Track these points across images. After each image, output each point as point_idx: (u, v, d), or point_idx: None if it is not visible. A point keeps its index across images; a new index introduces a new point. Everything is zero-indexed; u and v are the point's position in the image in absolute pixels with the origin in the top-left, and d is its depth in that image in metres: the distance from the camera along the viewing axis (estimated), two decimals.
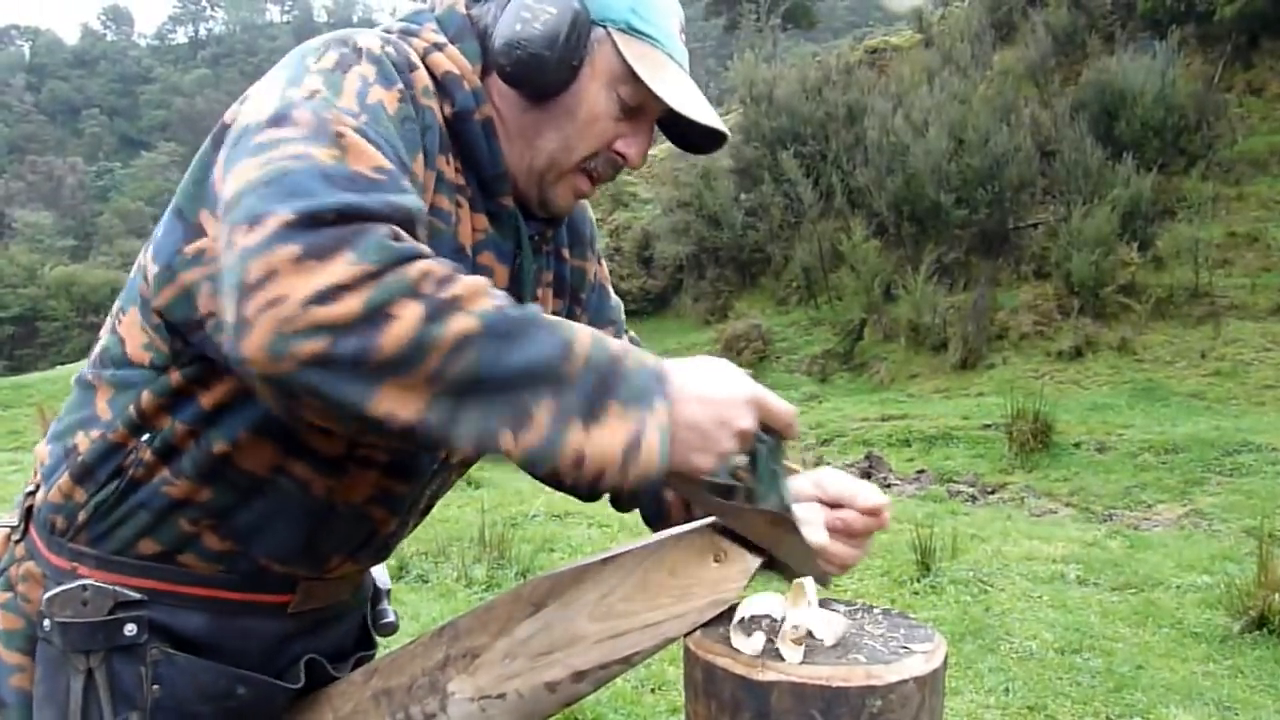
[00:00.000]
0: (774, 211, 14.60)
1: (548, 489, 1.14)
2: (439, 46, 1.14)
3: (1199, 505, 6.98)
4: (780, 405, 1.01)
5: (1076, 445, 8.50)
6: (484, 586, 4.91)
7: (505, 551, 5.22)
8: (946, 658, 1.02)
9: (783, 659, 0.95)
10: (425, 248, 0.90)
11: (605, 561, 1.10)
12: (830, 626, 1.00)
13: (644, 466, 0.90)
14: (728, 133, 1.20)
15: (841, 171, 14.18)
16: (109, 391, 1.13)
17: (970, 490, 7.83)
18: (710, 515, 1.06)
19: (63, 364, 25.79)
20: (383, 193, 0.91)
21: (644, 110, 1.17)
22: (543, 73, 1.12)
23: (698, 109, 1.15)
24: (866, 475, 8.22)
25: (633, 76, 1.13)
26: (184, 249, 1.06)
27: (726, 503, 1.02)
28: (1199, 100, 12.90)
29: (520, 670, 1.09)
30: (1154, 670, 4.05)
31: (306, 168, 0.90)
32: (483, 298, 0.89)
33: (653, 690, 3.84)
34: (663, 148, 19.98)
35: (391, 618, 1.41)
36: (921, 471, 8.41)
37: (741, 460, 1.00)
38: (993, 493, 7.84)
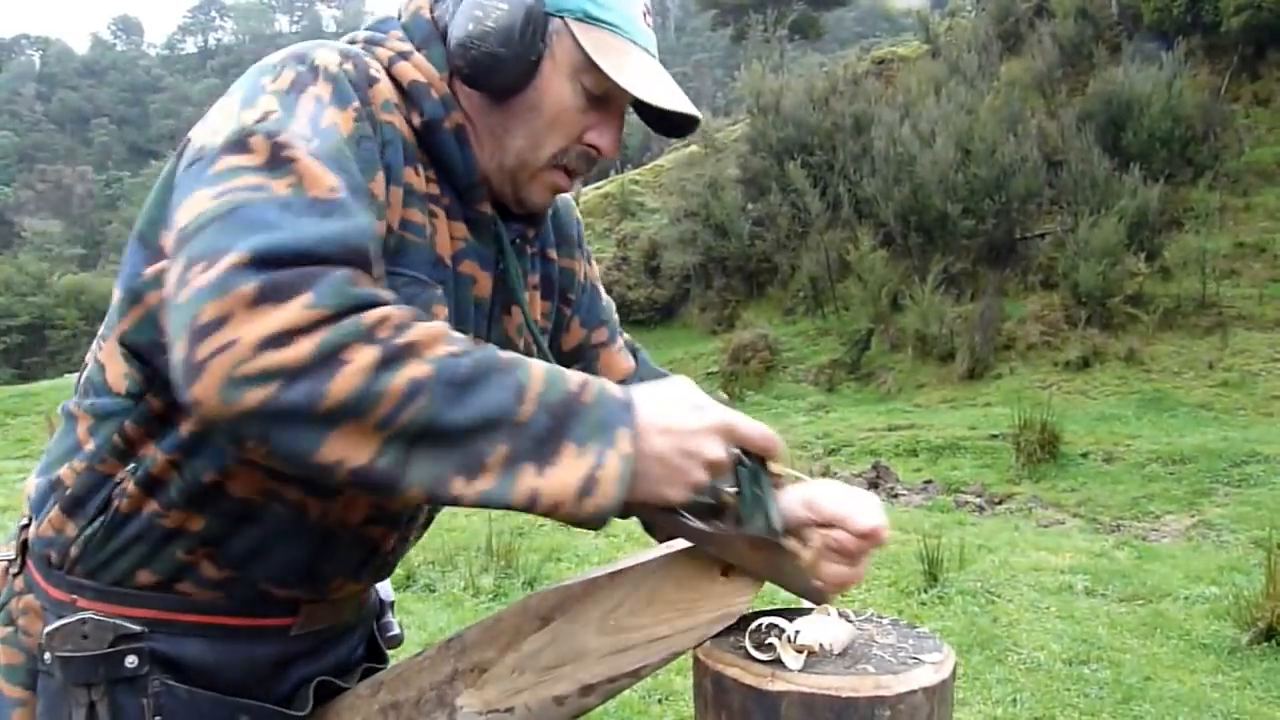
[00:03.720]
0: (781, 221, 14.62)
1: None
2: (404, 55, 1.12)
3: (1207, 516, 6.96)
4: (753, 429, 1.00)
5: (1084, 456, 8.49)
6: (491, 596, 4.90)
7: (512, 560, 5.21)
8: (955, 668, 1.02)
9: (786, 668, 0.96)
10: (385, 293, 0.90)
11: (612, 575, 1.10)
12: (836, 635, 1.01)
13: (600, 501, 0.89)
14: (699, 115, 1.15)
15: (848, 181, 14.19)
16: (90, 421, 1.12)
17: (977, 500, 7.82)
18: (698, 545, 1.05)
19: (71, 373, 25.84)
20: (340, 218, 0.90)
21: (611, 99, 1.13)
22: (501, 71, 1.09)
23: (664, 95, 1.10)
24: (874, 485, 8.21)
25: (595, 66, 1.09)
26: (144, 271, 1.05)
27: (711, 531, 1.01)
28: (1206, 111, 12.90)
29: (528, 684, 1.09)
30: (1162, 681, 4.04)
31: (262, 200, 0.89)
32: (439, 344, 0.88)
33: (660, 700, 3.84)
34: (669, 157, 20.04)
35: (396, 630, 1.39)
36: (929, 482, 8.40)
37: (727, 485, 0.99)
38: (1000, 503, 7.83)
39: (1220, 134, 12.98)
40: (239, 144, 0.94)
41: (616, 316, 1.42)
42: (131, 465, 1.09)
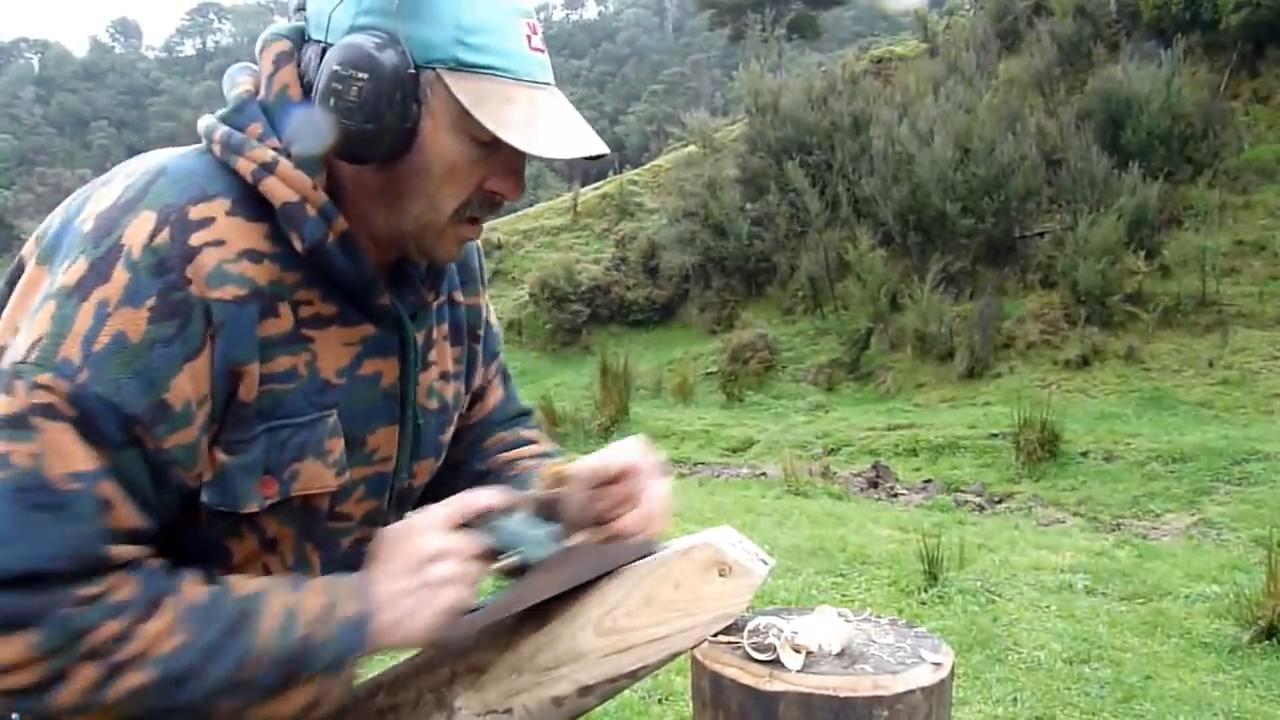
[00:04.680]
0: (780, 221, 14.61)
1: None
2: (269, 168, 1.02)
3: (1207, 514, 6.96)
4: (472, 498, 1.11)
5: (1084, 454, 8.48)
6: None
7: None
8: (954, 668, 1.02)
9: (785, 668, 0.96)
10: (109, 599, 0.94)
11: (610, 576, 1.10)
12: (833, 635, 1.00)
13: (323, 711, 1.03)
14: (604, 151, 1.07)
15: (847, 181, 14.19)
16: None
17: (977, 500, 7.81)
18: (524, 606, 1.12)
19: None
20: (71, 520, 0.92)
21: (502, 143, 1.02)
22: (377, 144, 1.01)
23: (553, 144, 1.03)
24: (874, 485, 8.22)
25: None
26: None
27: (508, 602, 1.10)
28: (1205, 108, 12.88)
29: (527, 685, 1.09)
30: (1163, 680, 4.04)
31: (2, 497, 0.91)
32: (162, 642, 0.95)
33: (660, 701, 3.84)
34: (667, 158, 20.02)
35: None
36: (928, 481, 8.40)
37: (490, 549, 1.09)
38: (1000, 502, 7.83)
39: (1219, 131, 12.96)
40: (5, 383, 0.95)
41: (501, 346, 1.42)
42: None
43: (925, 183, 12.86)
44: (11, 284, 1.06)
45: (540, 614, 1.11)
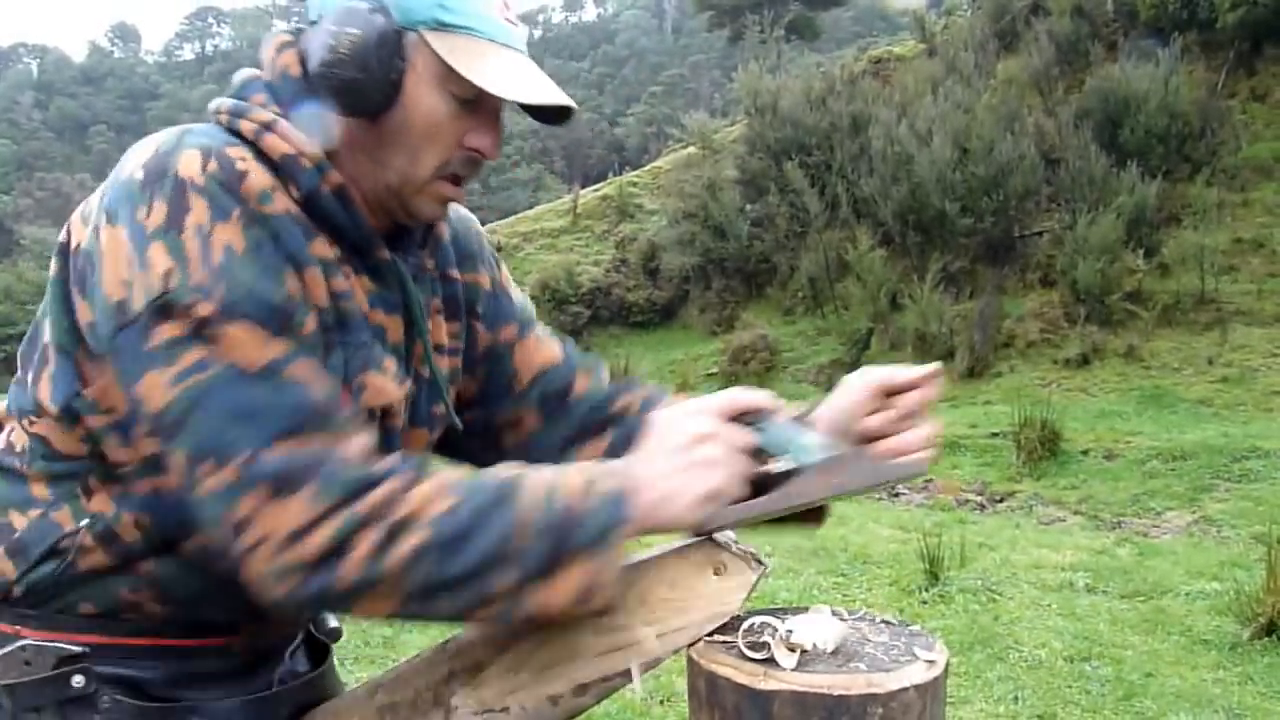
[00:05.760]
0: (779, 222, 14.62)
1: None
2: (269, 126, 1.10)
3: (1208, 512, 6.96)
4: (743, 395, 1.11)
5: (1084, 453, 8.49)
6: None
7: None
8: (948, 665, 1.03)
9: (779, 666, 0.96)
10: (375, 464, 1.01)
11: None
12: (828, 634, 1.01)
13: (599, 601, 1.01)
14: (572, 104, 1.16)
15: (846, 181, 14.19)
16: (44, 479, 1.14)
17: (978, 499, 7.82)
18: (780, 514, 1.10)
19: None
20: (288, 385, 1.00)
21: (483, 100, 1.12)
22: (364, 96, 1.09)
23: (527, 90, 1.11)
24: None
25: (456, 72, 1.09)
26: (83, 393, 1.10)
27: (776, 500, 1.07)
28: (1203, 107, 12.90)
29: (523, 684, 1.10)
30: (1163, 678, 4.04)
31: (220, 384, 0.99)
32: (433, 505, 1.00)
33: (661, 702, 3.84)
34: (667, 159, 20.04)
35: (334, 622, 1.40)
36: (929, 480, 8.40)
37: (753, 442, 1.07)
38: (1001, 501, 7.83)
39: (1217, 130, 12.97)
40: (160, 311, 1.00)
41: (532, 310, 1.43)
42: (88, 520, 1.11)
43: (924, 182, 12.87)
44: (64, 255, 1.11)
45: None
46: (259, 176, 1.06)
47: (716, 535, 1.08)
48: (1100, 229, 11.50)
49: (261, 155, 1.09)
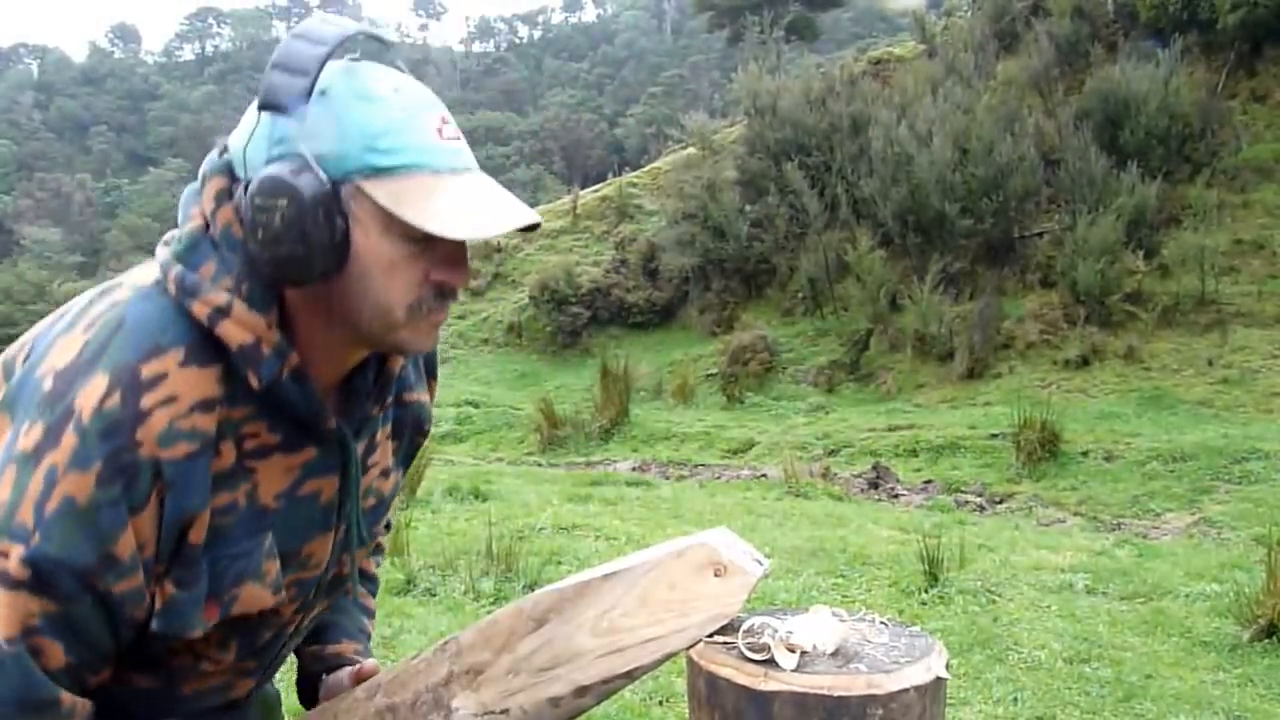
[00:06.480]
0: (779, 223, 14.61)
1: (555, 501, 1.15)
2: (224, 311, 1.04)
3: (1208, 513, 6.96)
4: None
5: (1084, 454, 8.48)
6: (492, 599, 4.90)
7: (513, 564, 5.21)
8: (948, 666, 1.03)
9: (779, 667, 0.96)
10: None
11: (606, 577, 1.10)
12: (828, 635, 1.01)
13: None
14: (535, 221, 1.07)
15: (846, 182, 14.19)
16: None
17: (978, 500, 7.82)
18: None
19: None
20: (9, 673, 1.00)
21: (435, 235, 1.04)
22: (309, 266, 1.03)
23: (481, 222, 1.04)
24: (874, 486, 8.22)
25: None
26: None
27: None
28: (1203, 108, 12.89)
29: (523, 685, 1.10)
30: (1163, 679, 4.04)
31: None
32: None
33: (661, 703, 3.84)
34: (666, 160, 20.03)
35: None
36: (929, 482, 8.40)
37: None
38: (1000, 502, 7.83)
39: (1217, 131, 12.97)
40: None
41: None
42: None
43: (924, 183, 12.87)
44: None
45: (537, 614, 1.11)
46: (167, 412, 1.02)
47: (717, 536, 1.09)
48: (1100, 230, 11.50)
49: (207, 344, 1.05)
